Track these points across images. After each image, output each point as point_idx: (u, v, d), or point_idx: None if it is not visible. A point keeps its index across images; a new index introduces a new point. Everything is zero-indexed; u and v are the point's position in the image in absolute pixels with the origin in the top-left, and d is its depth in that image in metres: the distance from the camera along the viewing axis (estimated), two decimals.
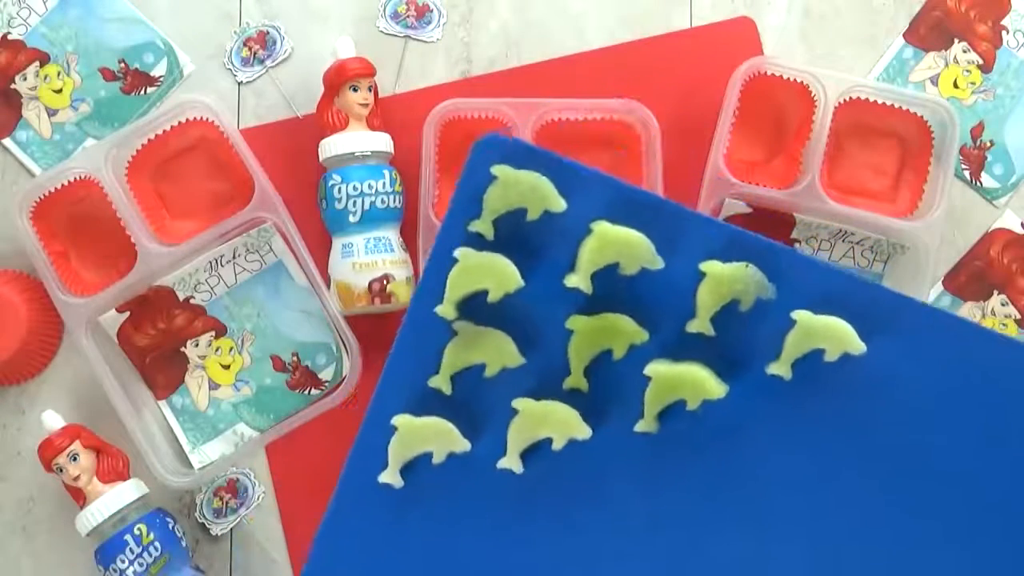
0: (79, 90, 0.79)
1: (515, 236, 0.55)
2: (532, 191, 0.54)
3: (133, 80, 0.79)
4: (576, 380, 0.55)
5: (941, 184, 0.74)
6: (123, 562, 0.70)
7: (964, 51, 0.80)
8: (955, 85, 0.80)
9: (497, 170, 0.54)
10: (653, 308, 0.55)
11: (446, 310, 0.54)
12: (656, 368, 0.54)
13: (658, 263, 0.54)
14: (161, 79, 0.79)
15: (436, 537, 0.55)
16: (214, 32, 0.80)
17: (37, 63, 0.79)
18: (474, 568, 0.55)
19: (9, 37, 0.79)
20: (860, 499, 0.54)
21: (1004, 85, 0.79)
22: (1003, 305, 0.78)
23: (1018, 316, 0.78)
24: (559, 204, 0.55)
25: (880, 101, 0.75)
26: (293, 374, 0.78)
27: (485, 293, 0.54)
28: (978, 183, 0.79)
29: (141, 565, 0.70)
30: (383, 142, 0.75)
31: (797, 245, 0.78)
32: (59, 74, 0.79)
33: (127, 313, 0.77)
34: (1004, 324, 0.77)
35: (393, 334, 0.76)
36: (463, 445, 0.55)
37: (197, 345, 0.78)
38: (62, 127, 0.79)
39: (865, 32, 0.80)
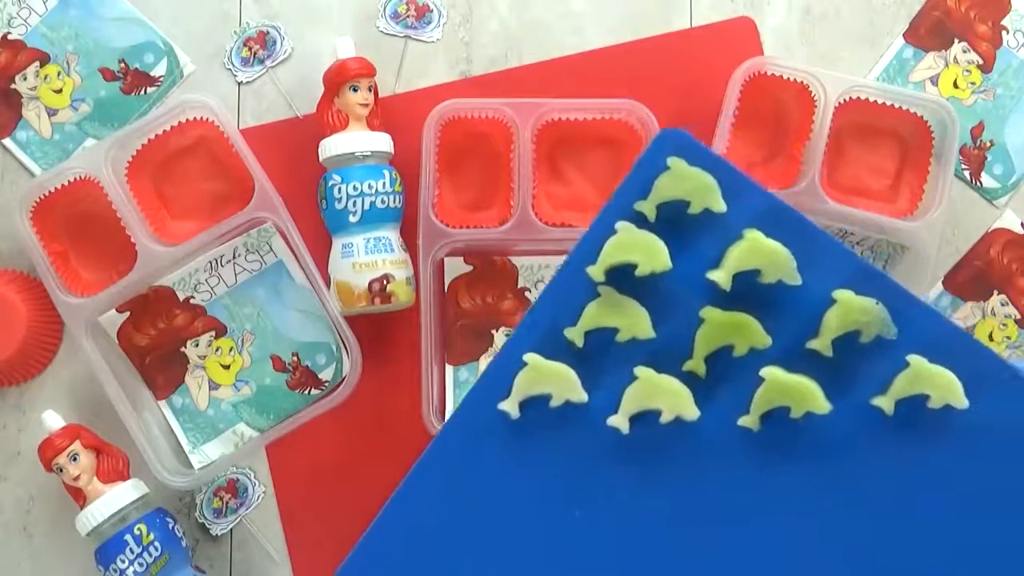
0: (79, 90, 0.79)
1: (673, 223, 0.59)
2: (700, 188, 0.59)
3: (133, 80, 0.79)
4: (696, 364, 0.59)
5: (941, 184, 0.74)
6: (123, 562, 0.70)
7: (964, 51, 0.80)
8: (955, 85, 0.80)
9: (672, 162, 0.59)
10: (781, 318, 0.59)
11: (596, 272, 0.59)
12: (772, 371, 0.58)
13: (796, 279, 0.59)
14: (161, 79, 0.79)
15: (536, 471, 0.60)
16: (214, 32, 0.80)
17: (37, 63, 0.79)
18: (563, 508, 0.60)
19: (9, 37, 0.79)
20: (931, 542, 0.58)
21: (1004, 85, 0.79)
22: (1003, 305, 0.78)
23: (1018, 316, 0.78)
24: (720, 205, 0.59)
25: (880, 101, 0.75)
26: (293, 374, 0.78)
27: (634, 266, 0.58)
28: (978, 183, 0.79)
29: (141, 565, 0.70)
30: (383, 142, 0.75)
31: None
32: (59, 74, 0.79)
33: (127, 313, 0.77)
34: (1004, 324, 0.77)
35: (393, 334, 0.77)
36: (581, 396, 0.59)
37: (197, 345, 0.78)
38: (62, 127, 0.79)
39: (865, 32, 0.80)
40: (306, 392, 0.77)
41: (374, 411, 0.76)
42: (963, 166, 0.79)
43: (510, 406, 0.59)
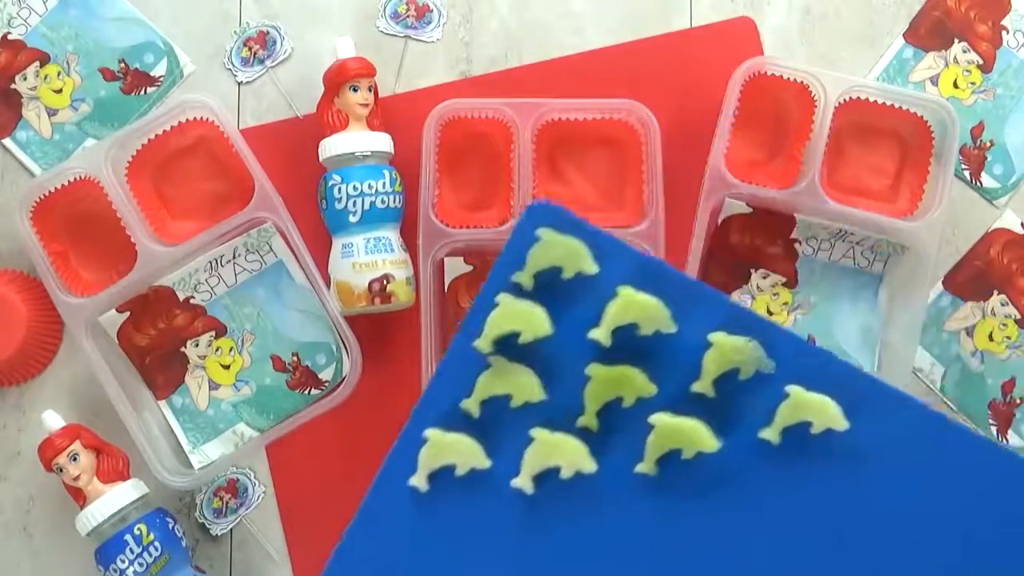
0: (79, 90, 0.79)
1: (551, 290, 0.62)
2: (570, 253, 0.62)
3: (133, 80, 0.79)
4: (588, 420, 0.62)
5: (941, 184, 0.74)
6: (123, 562, 0.70)
7: (964, 51, 0.80)
8: (955, 85, 0.80)
9: (542, 232, 0.62)
10: (663, 366, 0.62)
11: (483, 344, 0.62)
12: (659, 418, 0.61)
13: (672, 328, 0.62)
14: (161, 79, 0.79)
15: (451, 538, 0.62)
16: (214, 32, 0.80)
17: (37, 63, 0.79)
18: (479, 571, 0.62)
19: (9, 37, 0.79)
20: (829, 561, 0.61)
21: (1004, 85, 0.79)
22: (1003, 305, 0.78)
23: (1018, 316, 0.78)
24: (592, 267, 0.62)
25: (880, 101, 0.75)
26: (293, 374, 0.78)
27: (519, 334, 0.62)
28: (978, 183, 0.79)
29: (141, 565, 0.70)
30: (383, 142, 0.75)
31: (797, 245, 0.78)
32: (59, 74, 0.79)
33: (127, 313, 0.77)
34: (1004, 324, 0.78)
35: (393, 334, 0.77)
36: (483, 462, 0.62)
37: (197, 345, 0.78)
38: (62, 127, 0.79)
39: (865, 32, 0.80)
40: (306, 392, 0.77)
41: (374, 411, 0.76)
42: (963, 166, 0.79)
43: (418, 481, 0.62)
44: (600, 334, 0.61)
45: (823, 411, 0.60)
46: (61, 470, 0.72)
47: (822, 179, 0.73)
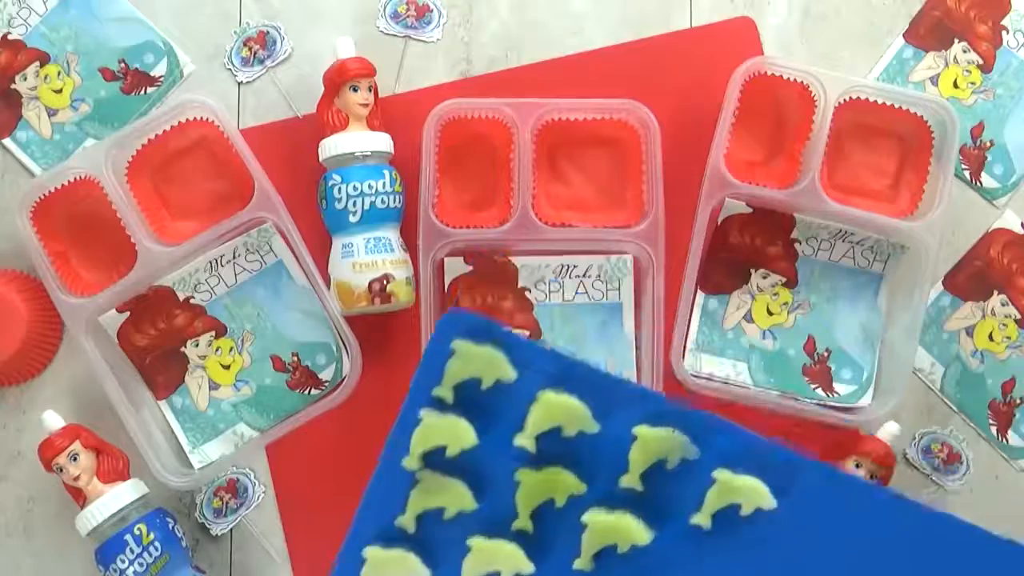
0: (79, 90, 0.79)
1: (472, 400, 0.63)
2: (486, 364, 0.63)
3: (133, 80, 0.79)
4: (523, 523, 0.63)
5: (941, 184, 0.74)
6: (123, 562, 0.70)
7: (964, 51, 0.80)
8: (955, 85, 0.80)
9: (457, 344, 0.63)
10: (590, 464, 0.63)
11: (411, 462, 0.63)
12: (592, 516, 0.62)
13: (594, 427, 0.62)
14: (161, 79, 0.79)
15: None
16: (214, 32, 0.80)
17: (37, 63, 0.79)
18: None
19: (9, 37, 0.79)
20: None
21: (1004, 85, 0.79)
22: (1003, 305, 0.78)
23: (1018, 316, 0.78)
24: (510, 374, 0.63)
25: (880, 101, 0.75)
26: (293, 374, 0.78)
27: (445, 448, 0.62)
28: (978, 183, 0.79)
29: (141, 565, 0.70)
30: (383, 142, 0.75)
31: (797, 245, 0.78)
32: (59, 74, 0.79)
33: (127, 313, 0.77)
34: (1004, 324, 0.78)
35: (393, 334, 0.77)
36: (424, 575, 0.62)
37: (197, 345, 0.78)
38: (62, 127, 0.79)
39: (865, 32, 0.80)
40: (306, 392, 0.77)
41: (374, 411, 0.76)
42: (963, 166, 0.79)
43: None
44: (524, 440, 0.62)
45: (751, 492, 0.61)
46: (61, 470, 0.72)
47: (822, 179, 0.73)
